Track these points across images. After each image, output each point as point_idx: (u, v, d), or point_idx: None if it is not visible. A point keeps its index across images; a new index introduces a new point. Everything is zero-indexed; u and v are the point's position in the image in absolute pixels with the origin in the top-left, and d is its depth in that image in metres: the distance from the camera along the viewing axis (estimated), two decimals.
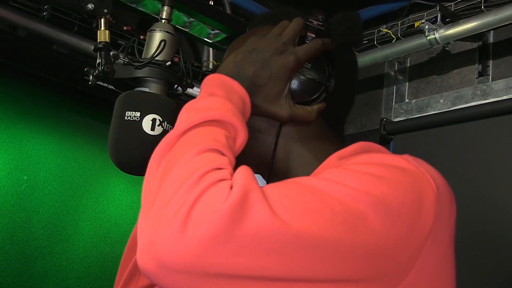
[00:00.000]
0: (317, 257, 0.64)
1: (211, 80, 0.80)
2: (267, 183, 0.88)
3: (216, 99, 0.75)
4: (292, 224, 0.62)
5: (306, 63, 0.87)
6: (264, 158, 0.89)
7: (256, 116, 0.85)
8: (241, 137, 0.75)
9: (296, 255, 0.63)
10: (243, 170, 0.66)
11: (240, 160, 0.73)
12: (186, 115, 0.74)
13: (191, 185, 0.63)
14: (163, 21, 0.95)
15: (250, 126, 0.80)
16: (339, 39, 0.91)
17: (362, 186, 0.68)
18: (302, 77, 0.87)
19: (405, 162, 0.75)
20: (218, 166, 0.66)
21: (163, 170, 0.68)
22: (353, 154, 0.83)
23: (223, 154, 0.69)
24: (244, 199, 0.61)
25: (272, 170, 0.89)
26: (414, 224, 0.70)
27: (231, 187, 0.63)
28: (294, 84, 0.86)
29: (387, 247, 0.68)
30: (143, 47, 0.95)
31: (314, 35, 0.89)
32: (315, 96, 0.88)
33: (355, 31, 0.93)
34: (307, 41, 0.88)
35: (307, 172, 0.85)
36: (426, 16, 2.28)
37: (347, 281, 0.67)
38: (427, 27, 2.19)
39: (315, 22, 0.90)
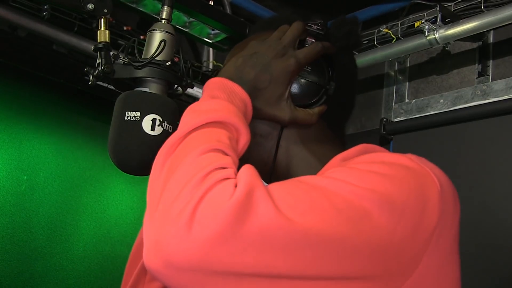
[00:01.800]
0: (322, 255, 0.64)
1: (212, 83, 0.81)
2: (268, 181, 0.89)
3: (219, 102, 0.76)
4: (297, 221, 0.62)
5: (306, 67, 0.88)
6: (266, 163, 0.90)
7: (258, 121, 0.86)
8: (244, 138, 0.76)
9: (301, 253, 0.63)
10: (247, 168, 0.67)
11: (243, 165, 0.73)
12: (189, 117, 0.74)
13: (195, 184, 0.63)
14: (163, 21, 0.95)
15: (252, 131, 0.80)
16: (338, 43, 0.92)
17: (366, 183, 0.69)
18: (303, 80, 0.88)
19: (408, 160, 0.76)
20: (222, 165, 0.66)
21: (167, 171, 0.68)
22: (357, 155, 0.84)
23: (226, 154, 0.70)
24: (249, 196, 0.62)
25: (273, 174, 0.89)
26: (419, 222, 0.70)
27: (236, 186, 0.63)
28: (295, 87, 0.87)
29: (393, 244, 0.68)
30: (143, 47, 0.95)
31: (313, 40, 0.90)
32: (315, 99, 0.89)
33: (354, 35, 0.94)
34: (306, 45, 0.89)
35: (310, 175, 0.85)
36: (426, 16, 2.28)
37: (352, 279, 0.67)
38: (427, 27, 2.19)
39: (314, 27, 0.91)
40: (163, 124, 0.87)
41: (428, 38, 2.20)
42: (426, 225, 0.71)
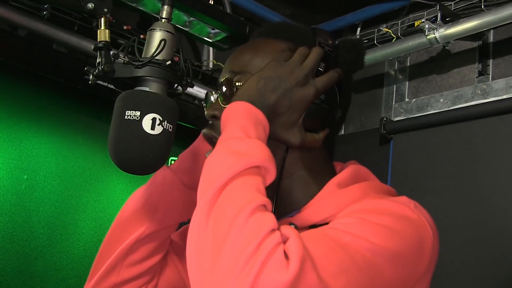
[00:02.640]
0: None
1: (238, 109, 0.84)
2: (273, 203, 0.91)
3: (253, 143, 0.79)
4: (331, 285, 0.71)
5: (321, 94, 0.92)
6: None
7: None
8: (271, 178, 0.80)
9: None
10: (295, 237, 0.71)
11: None
12: (228, 159, 0.77)
13: (251, 254, 0.68)
14: (163, 20, 0.95)
15: None
16: (346, 66, 0.96)
17: (379, 240, 0.78)
18: (316, 107, 0.91)
19: (410, 211, 0.85)
20: (271, 228, 0.71)
21: (215, 228, 0.72)
22: (351, 182, 0.93)
23: (266, 209, 0.74)
24: (300, 270, 0.68)
25: (279, 191, 0.93)
26: (415, 268, 0.82)
27: (284, 253, 0.69)
28: (308, 113, 0.90)
29: None
30: (143, 47, 0.95)
31: (324, 63, 0.92)
32: (324, 124, 0.93)
33: (361, 60, 0.98)
34: (320, 69, 0.92)
35: (307, 195, 0.93)
36: (426, 16, 2.28)
37: None
38: (427, 26, 2.19)
39: (326, 48, 0.93)
40: (163, 123, 0.87)
41: (428, 37, 2.20)
42: (419, 270, 0.83)
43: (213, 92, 0.99)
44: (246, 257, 0.68)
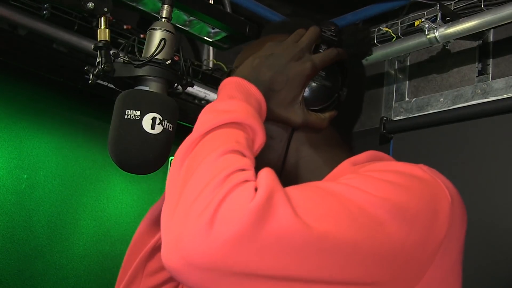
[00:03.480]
0: (335, 260, 0.65)
1: (228, 83, 0.82)
2: None
3: (236, 102, 0.77)
4: (314, 226, 0.64)
5: (321, 71, 0.89)
6: (275, 164, 0.90)
7: (269, 122, 0.85)
8: (260, 139, 0.77)
9: (316, 257, 0.64)
10: (267, 171, 0.67)
11: (254, 166, 0.74)
12: (207, 116, 0.75)
13: (217, 185, 0.64)
14: (163, 19, 0.95)
15: None
16: (350, 50, 0.93)
17: (380, 192, 0.70)
18: (317, 84, 0.89)
19: (421, 171, 0.77)
20: (242, 167, 0.67)
21: (186, 170, 0.69)
22: (366, 161, 0.86)
23: (244, 156, 0.70)
24: (269, 200, 0.63)
25: (282, 176, 0.89)
26: (428, 232, 0.72)
27: (255, 188, 0.64)
28: (309, 91, 0.88)
29: (403, 253, 0.69)
30: (143, 46, 0.95)
31: (327, 45, 0.91)
32: (327, 104, 0.90)
33: (366, 43, 0.96)
34: (320, 51, 0.90)
35: (317, 178, 0.87)
36: (426, 15, 2.28)
37: (362, 284, 0.68)
38: (427, 26, 2.19)
39: (328, 33, 0.92)
40: (163, 122, 0.88)
41: (428, 37, 2.20)
42: (435, 236, 0.72)
43: None
44: (211, 188, 0.64)
